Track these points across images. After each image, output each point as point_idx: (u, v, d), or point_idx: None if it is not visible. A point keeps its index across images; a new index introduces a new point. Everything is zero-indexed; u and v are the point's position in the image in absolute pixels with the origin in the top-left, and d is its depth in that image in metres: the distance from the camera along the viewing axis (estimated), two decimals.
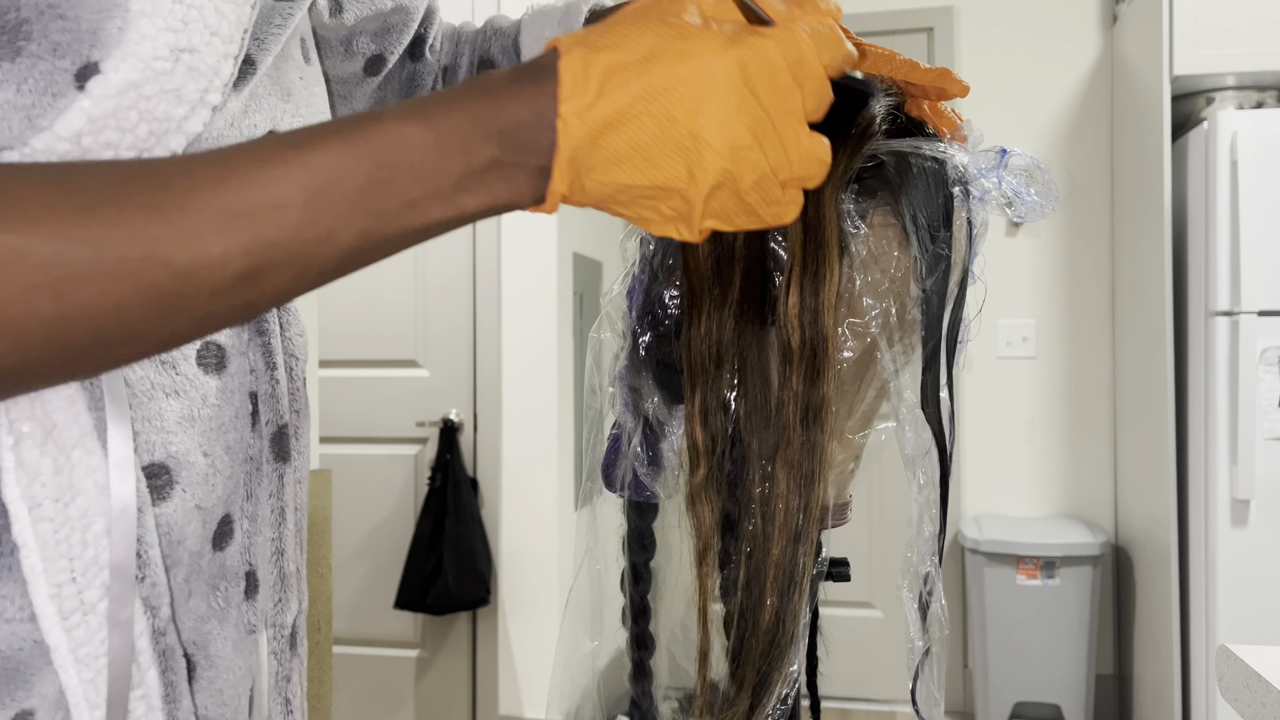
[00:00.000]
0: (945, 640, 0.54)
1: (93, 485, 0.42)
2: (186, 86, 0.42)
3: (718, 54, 0.41)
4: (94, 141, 0.40)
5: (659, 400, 0.57)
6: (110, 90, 0.40)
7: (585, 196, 0.42)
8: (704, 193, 0.42)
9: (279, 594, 0.55)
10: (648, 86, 0.41)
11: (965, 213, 0.55)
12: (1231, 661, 0.82)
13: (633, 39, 0.42)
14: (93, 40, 0.39)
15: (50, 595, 0.41)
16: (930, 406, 0.53)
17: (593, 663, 0.62)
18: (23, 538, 0.40)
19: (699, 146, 0.41)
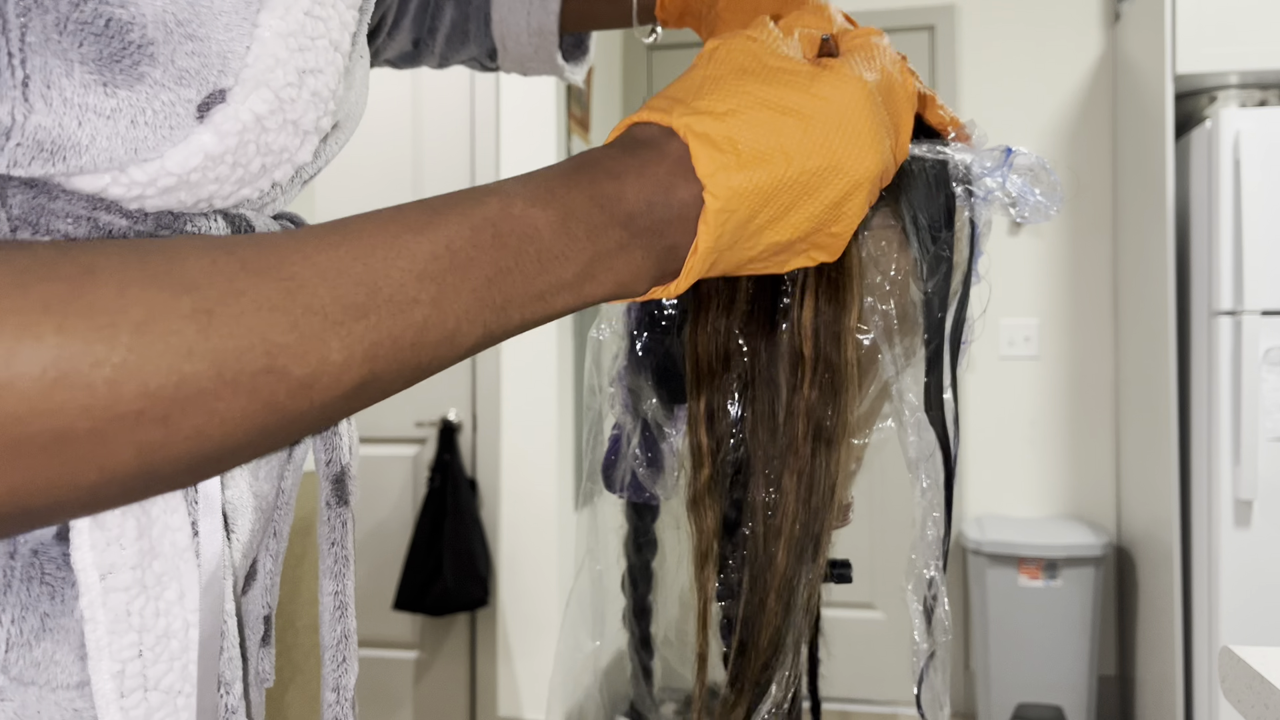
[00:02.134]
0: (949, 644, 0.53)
1: (170, 546, 0.36)
2: (307, 115, 0.37)
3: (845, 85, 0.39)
4: (203, 177, 0.35)
5: (658, 401, 0.57)
6: (236, 126, 0.34)
7: (721, 267, 0.40)
8: (856, 224, 0.41)
9: (343, 653, 0.49)
10: (794, 138, 0.38)
11: (968, 213, 0.55)
12: (1234, 663, 0.81)
13: (751, 93, 0.39)
14: (222, 65, 0.34)
15: (113, 673, 0.35)
16: (934, 409, 0.53)
17: (594, 663, 0.61)
18: (91, 610, 0.34)
19: (855, 189, 0.39)
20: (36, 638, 0.34)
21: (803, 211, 0.39)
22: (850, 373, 0.50)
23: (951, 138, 0.56)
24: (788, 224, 0.39)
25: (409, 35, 0.75)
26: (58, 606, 0.35)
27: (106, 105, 0.32)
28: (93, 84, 0.32)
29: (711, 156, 0.37)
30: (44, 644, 0.35)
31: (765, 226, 0.39)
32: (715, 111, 0.38)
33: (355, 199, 2.64)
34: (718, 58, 0.41)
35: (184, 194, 0.35)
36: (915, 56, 3.09)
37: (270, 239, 0.32)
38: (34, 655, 0.34)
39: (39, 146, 0.32)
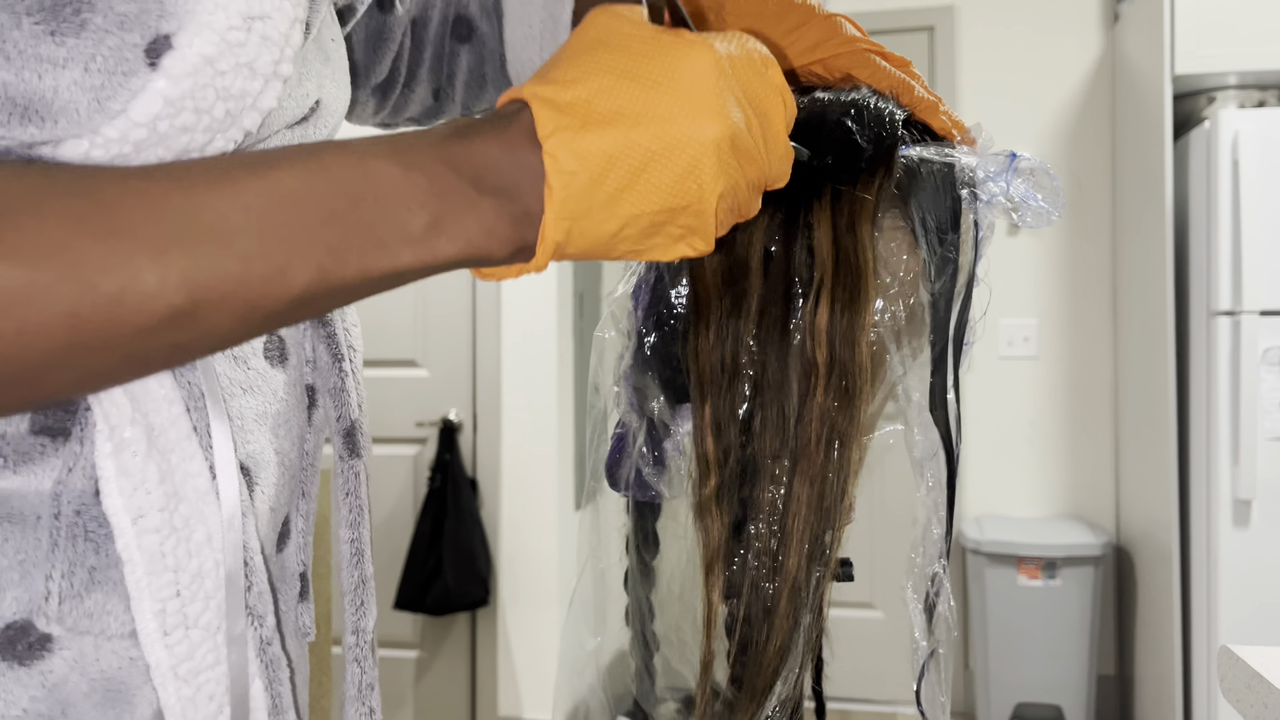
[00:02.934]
0: (952, 641, 0.54)
1: (193, 491, 0.39)
2: (261, 58, 0.38)
3: (694, 53, 0.39)
4: (170, 126, 0.36)
5: (663, 401, 0.57)
6: (186, 68, 0.36)
7: (584, 241, 0.39)
8: (714, 201, 0.40)
9: (361, 597, 0.52)
10: (635, 100, 0.38)
11: (973, 215, 0.55)
12: (1233, 662, 0.81)
13: (601, 62, 0.39)
14: (160, 10, 0.35)
15: (155, 612, 0.38)
16: (939, 408, 0.53)
17: (596, 661, 0.62)
18: (128, 552, 0.37)
19: (705, 154, 0.39)
20: (86, 589, 0.37)
21: (652, 179, 0.39)
22: (864, 376, 0.51)
23: (957, 141, 0.56)
24: (640, 193, 0.39)
25: (428, 86, 0.76)
26: (103, 560, 0.38)
27: (58, 54, 0.34)
28: (41, 34, 0.33)
29: (551, 118, 0.38)
30: (94, 595, 0.37)
31: (617, 194, 0.38)
32: (562, 79, 0.39)
33: None
34: (579, 32, 0.41)
35: (159, 149, 0.36)
36: (915, 57, 3.09)
37: (100, 170, 0.33)
38: (86, 606, 0.37)
39: (12, 104, 0.34)
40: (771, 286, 0.51)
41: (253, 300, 0.34)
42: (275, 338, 0.48)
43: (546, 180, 0.38)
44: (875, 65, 0.57)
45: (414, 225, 0.36)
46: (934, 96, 0.57)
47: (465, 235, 0.38)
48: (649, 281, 0.57)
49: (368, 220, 0.36)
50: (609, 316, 0.59)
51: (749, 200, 0.43)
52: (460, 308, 2.70)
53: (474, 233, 0.38)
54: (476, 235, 0.38)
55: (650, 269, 0.58)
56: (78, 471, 0.37)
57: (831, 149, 0.52)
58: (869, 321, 0.51)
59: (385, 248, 0.36)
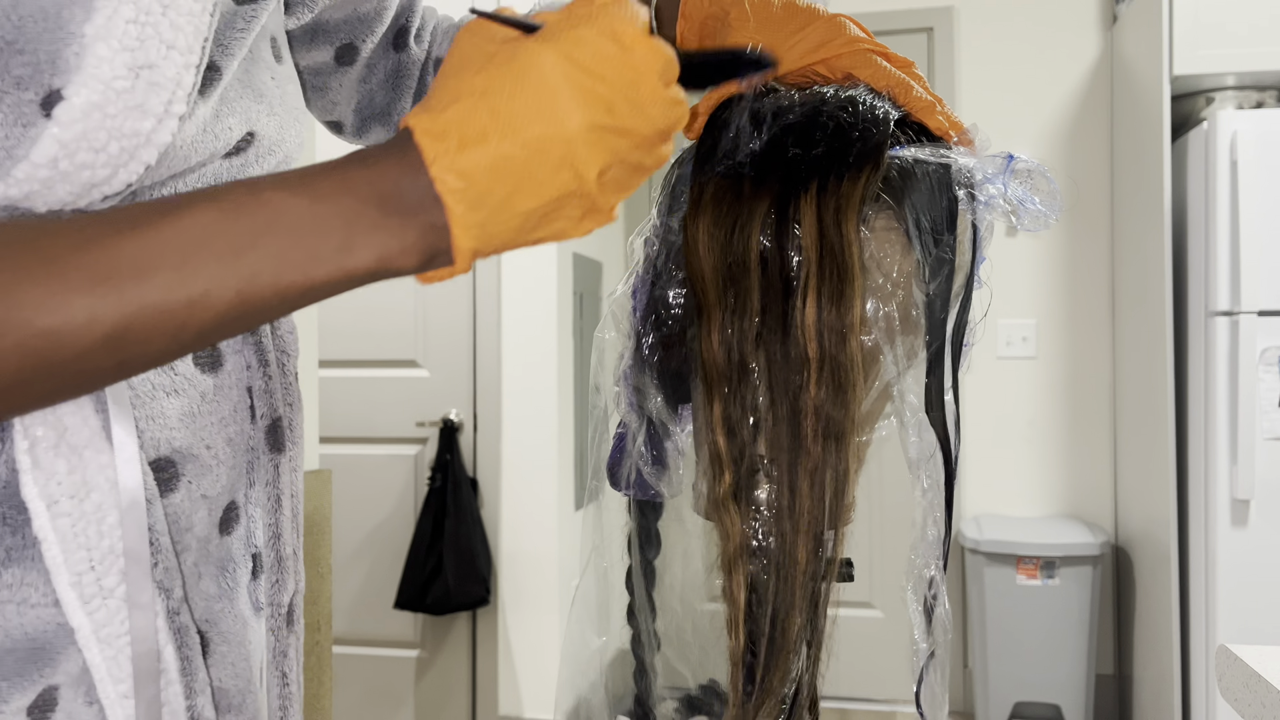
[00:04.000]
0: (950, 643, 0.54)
1: (104, 481, 0.45)
2: (150, 101, 0.43)
3: (539, 55, 0.43)
4: (70, 164, 0.41)
5: (662, 401, 0.57)
6: (75, 114, 0.41)
7: (497, 241, 0.43)
8: (594, 181, 0.43)
9: (276, 575, 0.59)
10: (497, 116, 0.42)
11: (970, 217, 0.55)
12: (1231, 661, 0.82)
13: (465, 85, 0.43)
14: (52, 70, 0.40)
15: (71, 583, 0.44)
16: (935, 410, 0.53)
17: (599, 659, 0.62)
18: (43, 532, 0.43)
19: (569, 147, 0.42)
20: (3, 565, 0.44)
21: (536, 178, 0.42)
22: (855, 369, 0.51)
23: (955, 142, 0.56)
24: (527, 192, 0.42)
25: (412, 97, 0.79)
26: (19, 541, 0.44)
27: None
28: None
29: (431, 145, 0.42)
30: (11, 570, 0.44)
31: (508, 199, 0.42)
32: (436, 106, 0.43)
33: None
34: (449, 54, 0.46)
35: (65, 184, 0.42)
36: (914, 58, 3.09)
37: (33, 225, 0.39)
38: (3, 579, 0.44)
39: None
40: (769, 282, 0.52)
41: (179, 323, 0.39)
42: (210, 347, 0.53)
43: (441, 199, 0.42)
44: (876, 65, 0.57)
45: (323, 248, 0.41)
46: (934, 97, 0.57)
47: (375, 251, 0.41)
48: (646, 283, 0.58)
49: (280, 247, 0.40)
50: (609, 317, 0.60)
51: (644, 158, 0.46)
52: (460, 308, 2.70)
53: (384, 248, 0.42)
54: (387, 250, 0.42)
55: (648, 270, 0.58)
56: (0, 464, 0.43)
57: (822, 143, 0.52)
58: (857, 315, 0.51)
59: (298, 268, 0.40)
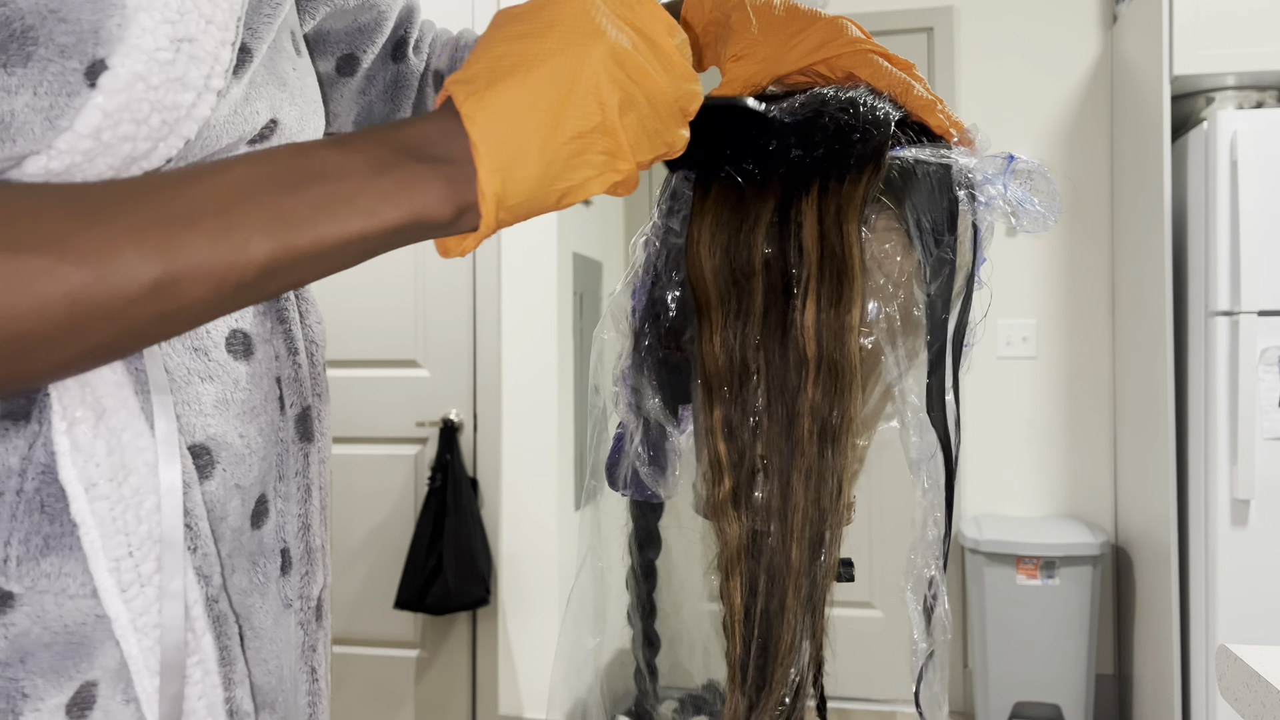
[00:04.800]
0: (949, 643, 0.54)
1: (143, 465, 0.45)
2: (190, 73, 0.43)
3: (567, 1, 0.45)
4: (113, 135, 0.41)
5: (660, 401, 0.57)
6: (120, 84, 0.41)
7: (520, 189, 0.44)
8: (616, 113, 0.44)
9: (306, 567, 0.58)
10: (526, 54, 0.43)
11: (971, 217, 0.55)
12: (1231, 661, 0.82)
13: (497, 36, 0.45)
14: (95, 39, 0.41)
15: (109, 569, 0.43)
16: (936, 410, 0.53)
17: (595, 660, 0.62)
18: (81, 516, 0.43)
19: (593, 73, 0.43)
20: (41, 553, 0.43)
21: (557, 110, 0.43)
22: (853, 370, 0.51)
23: (955, 142, 0.56)
24: (552, 126, 0.43)
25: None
26: (58, 529, 0.43)
27: (10, 82, 0.39)
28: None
29: (462, 89, 0.43)
30: (50, 558, 0.43)
31: (533, 135, 0.43)
32: (470, 62, 0.45)
33: None
34: (487, 29, 0.47)
35: (107, 157, 0.42)
36: (914, 58, 3.09)
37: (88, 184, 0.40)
38: (41, 568, 0.43)
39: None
40: (771, 285, 0.52)
41: (222, 270, 0.39)
42: (239, 333, 0.53)
43: (470, 139, 0.43)
44: (877, 65, 0.58)
45: (358, 195, 0.41)
46: (934, 97, 0.57)
47: (408, 199, 0.42)
48: (646, 284, 0.58)
49: (315, 195, 0.41)
50: (608, 317, 0.60)
51: (665, 123, 0.47)
52: (460, 308, 2.70)
53: (415, 196, 0.42)
54: (419, 198, 0.42)
55: (648, 270, 0.58)
56: (38, 448, 0.43)
57: (823, 144, 0.52)
58: (857, 316, 0.51)
59: (334, 216, 0.41)
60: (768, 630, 0.52)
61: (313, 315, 0.61)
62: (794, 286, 0.51)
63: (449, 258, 0.46)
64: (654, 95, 0.45)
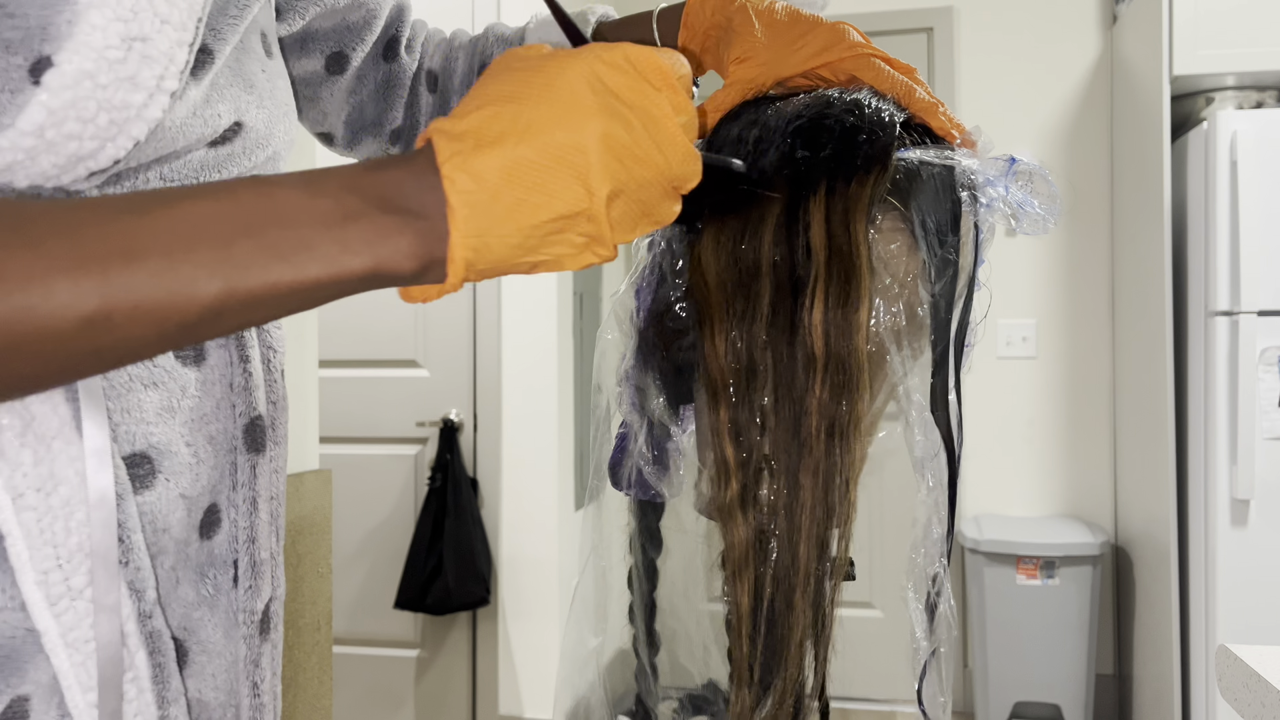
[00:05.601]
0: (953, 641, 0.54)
1: (74, 474, 0.43)
2: (142, 73, 0.42)
3: (568, 68, 0.42)
4: (57, 134, 0.40)
5: (664, 401, 0.57)
6: (66, 81, 0.40)
7: (492, 256, 0.42)
8: (604, 203, 0.42)
9: (251, 580, 0.56)
10: (519, 120, 0.41)
11: (973, 217, 0.55)
12: (1231, 661, 0.82)
13: (492, 92, 0.43)
14: (43, 35, 0.39)
15: (37, 582, 0.42)
16: (939, 409, 0.53)
17: (597, 660, 0.62)
18: (7, 526, 0.41)
19: (585, 158, 0.41)
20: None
21: (543, 188, 0.41)
22: (860, 370, 0.51)
23: (957, 144, 0.56)
24: (534, 203, 0.41)
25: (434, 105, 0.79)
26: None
27: None
28: None
29: (447, 145, 0.41)
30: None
31: (514, 207, 0.41)
32: (459, 113, 0.42)
33: None
34: (486, 72, 0.45)
35: (51, 155, 0.40)
36: (914, 59, 3.10)
37: (24, 204, 0.37)
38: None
39: None
40: (779, 285, 0.52)
41: (164, 311, 0.37)
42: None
43: (447, 200, 0.40)
44: (879, 69, 0.58)
45: (318, 242, 0.39)
46: (935, 100, 0.58)
47: (371, 250, 0.40)
48: (651, 284, 0.58)
49: (273, 239, 0.38)
50: (611, 317, 0.60)
51: (656, 203, 0.45)
52: (460, 308, 2.70)
53: (380, 248, 0.40)
54: (383, 250, 0.40)
55: (653, 270, 0.58)
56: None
57: (830, 145, 0.53)
58: (865, 315, 0.51)
59: (290, 262, 0.38)
60: (775, 630, 0.52)
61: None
62: (801, 286, 0.51)
63: (411, 303, 0.44)
64: (647, 181, 0.43)
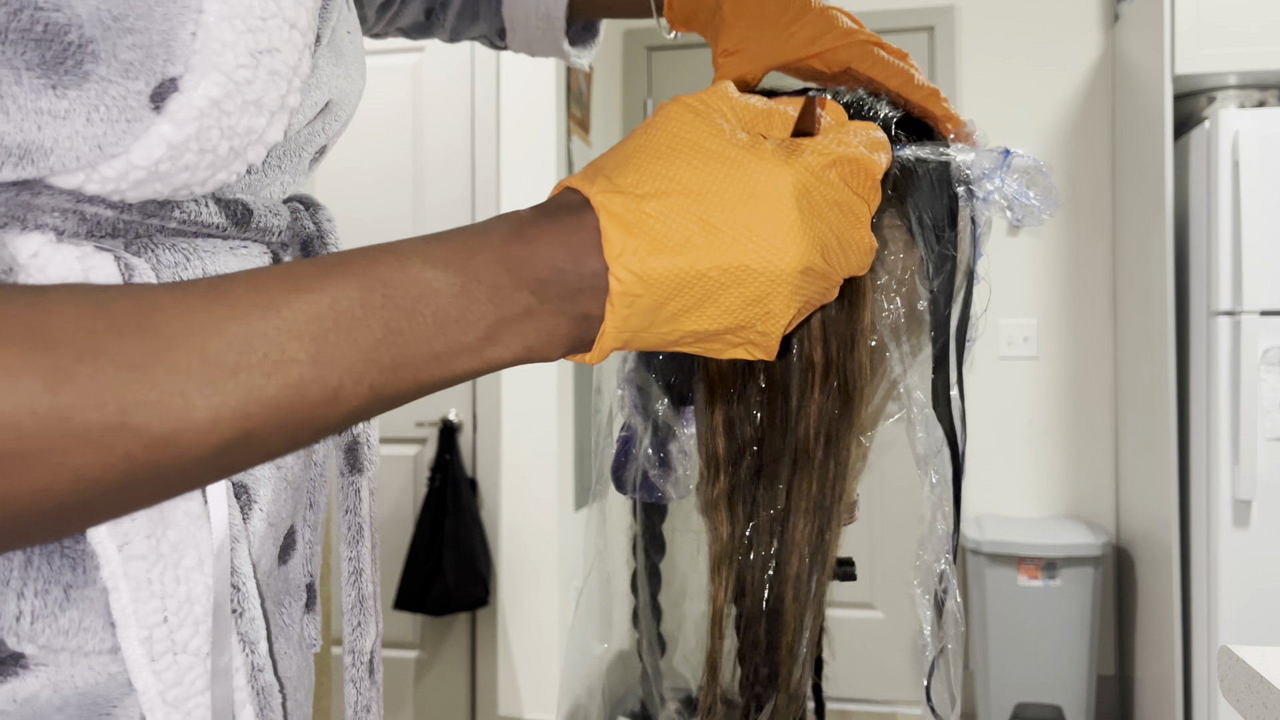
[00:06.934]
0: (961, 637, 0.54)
1: (183, 516, 0.38)
2: (268, 94, 0.37)
3: (776, 179, 0.38)
4: (172, 166, 0.36)
5: (667, 402, 0.57)
6: (191, 113, 0.35)
7: (640, 343, 0.39)
8: (782, 325, 0.39)
9: (357, 617, 0.51)
10: (707, 227, 0.37)
11: (970, 212, 0.55)
12: (1233, 662, 0.81)
13: (675, 176, 0.38)
14: (166, 54, 0.34)
15: (141, 639, 0.36)
16: (941, 405, 0.53)
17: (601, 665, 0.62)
18: (113, 580, 0.36)
19: (776, 288, 0.38)
20: (61, 608, 0.36)
21: (720, 304, 0.38)
22: (862, 375, 0.51)
23: (951, 137, 0.56)
24: (705, 315, 0.38)
25: (421, 5, 0.76)
26: (80, 578, 0.36)
27: (59, 107, 0.33)
28: (42, 88, 0.32)
29: (621, 238, 0.37)
30: (69, 613, 0.36)
31: (679, 314, 0.38)
32: (635, 192, 0.37)
33: (356, 199, 2.64)
34: (654, 127, 0.40)
35: (158, 184, 0.36)
36: (915, 57, 3.09)
37: (152, 294, 0.32)
38: (60, 624, 0.36)
39: (6, 152, 0.33)
40: None
41: (306, 422, 0.33)
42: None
43: (610, 298, 0.37)
44: (875, 56, 0.57)
45: (470, 337, 0.36)
46: (933, 87, 0.57)
47: (523, 341, 0.37)
48: None
49: (424, 336, 0.35)
50: None
51: (827, 297, 0.42)
52: None
53: (531, 338, 0.37)
54: (534, 340, 0.37)
55: None
56: None
57: None
58: (867, 322, 0.51)
59: (439, 361, 0.35)
60: (766, 631, 0.52)
61: None
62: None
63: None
64: (827, 289, 0.40)
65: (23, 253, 0.34)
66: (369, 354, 0.33)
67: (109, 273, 0.35)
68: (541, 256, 0.37)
